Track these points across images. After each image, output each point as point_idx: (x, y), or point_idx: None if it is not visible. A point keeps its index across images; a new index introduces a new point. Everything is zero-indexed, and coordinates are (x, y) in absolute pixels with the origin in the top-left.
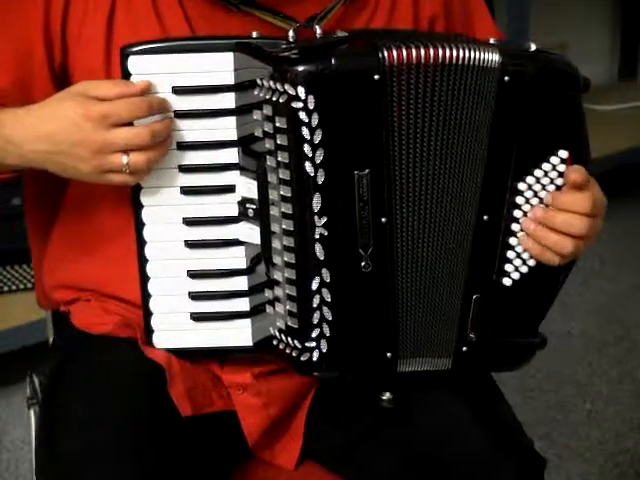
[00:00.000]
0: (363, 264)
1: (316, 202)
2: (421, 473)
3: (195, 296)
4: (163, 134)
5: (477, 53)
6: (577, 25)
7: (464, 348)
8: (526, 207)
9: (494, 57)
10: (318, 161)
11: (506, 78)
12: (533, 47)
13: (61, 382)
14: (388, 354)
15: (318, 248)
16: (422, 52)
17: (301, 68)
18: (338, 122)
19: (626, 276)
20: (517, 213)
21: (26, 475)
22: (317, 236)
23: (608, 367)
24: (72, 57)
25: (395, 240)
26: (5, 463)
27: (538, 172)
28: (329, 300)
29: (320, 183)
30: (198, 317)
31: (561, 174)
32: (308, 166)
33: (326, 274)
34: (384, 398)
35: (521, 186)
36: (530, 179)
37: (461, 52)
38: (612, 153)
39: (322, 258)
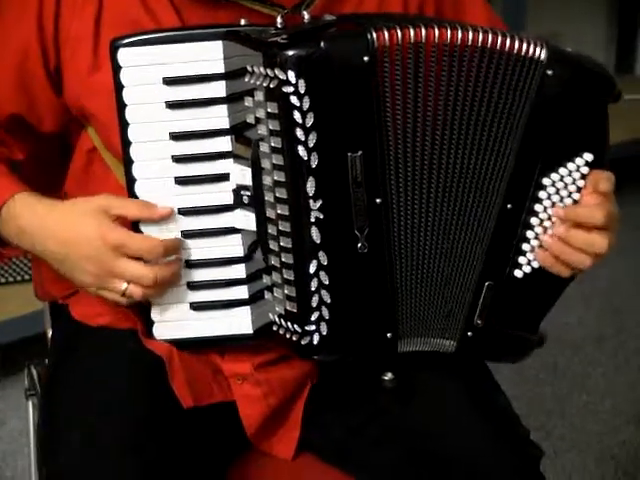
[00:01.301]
0: (359, 245)
1: (310, 186)
2: (419, 463)
3: (194, 286)
4: (167, 280)
5: (523, 43)
6: (574, 18)
7: (469, 333)
8: (547, 202)
9: (541, 51)
10: (311, 145)
11: (549, 72)
12: (570, 49)
13: (61, 375)
14: (388, 334)
15: (314, 231)
16: (422, 32)
17: (291, 52)
18: (329, 105)
19: (623, 268)
20: (538, 207)
21: (23, 466)
22: (313, 220)
23: (605, 359)
24: (63, 56)
25: (391, 220)
26: (2, 454)
27: (563, 170)
28: (327, 283)
29: (314, 167)
30: (198, 307)
31: (584, 176)
32: (301, 150)
33: (323, 257)
34: (386, 378)
35: (545, 181)
36: (554, 176)
37: (507, 40)
38: (610, 146)
39: (318, 241)
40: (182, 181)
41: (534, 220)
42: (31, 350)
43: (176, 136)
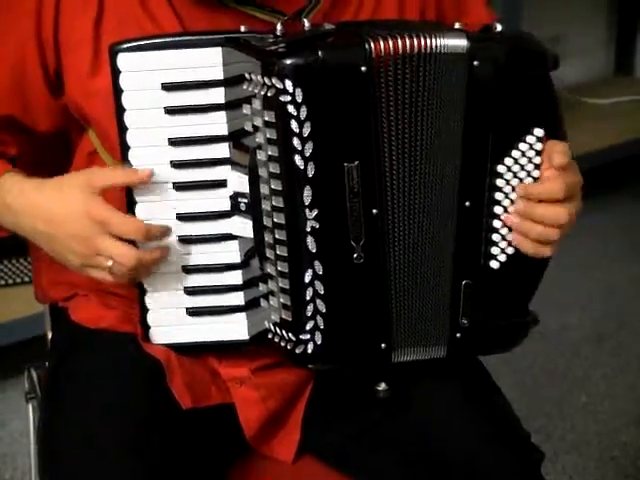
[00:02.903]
0: (355, 256)
1: (307, 195)
2: (418, 467)
3: (190, 291)
4: (149, 263)
5: (443, 40)
6: (573, 19)
7: (458, 334)
8: (507, 189)
9: (461, 42)
10: (308, 154)
11: (475, 62)
12: (499, 28)
13: (61, 378)
14: (382, 345)
15: (310, 241)
16: (407, 42)
17: (288, 61)
18: (326, 114)
19: (621, 269)
20: (499, 196)
21: (23, 468)
22: (309, 229)
23: (604, 361)
24: (63, 60)
25: (387, 231)
26: (2, 456)
27: (515, 153)
28: (322, 292)
29: (310, 176)
30: (194, 312)
31: (539, 152)
32: (298, 159)
33: (318, 267)
34: (380, 389)
35: (500, 168)
36: (508, 160)
37: (428, 40)
38: (608, 146)
39: (314, 251)
40: (180, 187)
41: (498, 209)
42: (31, 352)
43: (174, 142)
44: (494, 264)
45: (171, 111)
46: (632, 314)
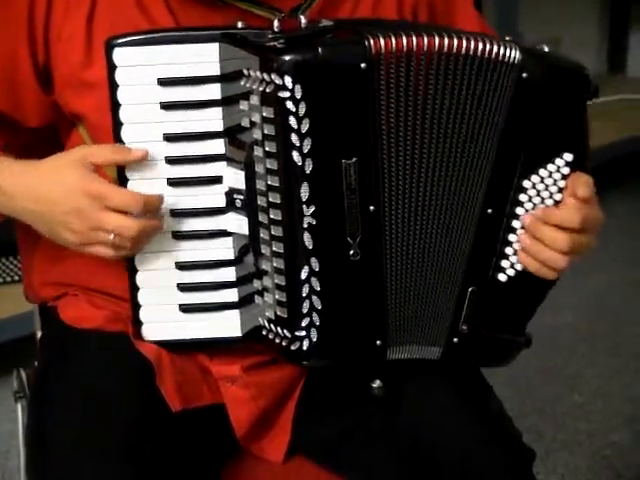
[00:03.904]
0: (352, 252)
1: (304, 191)
2: (410, 465)
3: (184, 287)
4: (151, 233)
5: (495, 47)
6: (566, 18)
7: (455, 339)
8: (528, 205)
9: (514, 53)
10: (306, 150)
11: (524, 75)
12: (546, 49)
13: (50, 378)
14: (378, 342)
15: (307, 237)
16: (413, 41)
17: (288, 57)
18: (325, 111)
19: (617, 269)
20: (519, 210)
21: (13, 469)
22: (305, 225)
23: (598, 360)
24: (53, 55)
25: (384, 228)
26: None
27: (543, 172)
28: (318, 289)
29: (308, 172)
30: (187, 308)
31: (564, 176)
32: (296, 155)
33: (315, 263)
34: (375, 386)
35: (526, 184)
36: (535, 178)
37: (480, 44)
38: (602, 145)
39: (311, 247)
40: (174, 182)
41: (516, 223)
42: (22, 351)
43: (170, 137)
44: (502, 277)
45: (167, 106)
46: (628, 314)
